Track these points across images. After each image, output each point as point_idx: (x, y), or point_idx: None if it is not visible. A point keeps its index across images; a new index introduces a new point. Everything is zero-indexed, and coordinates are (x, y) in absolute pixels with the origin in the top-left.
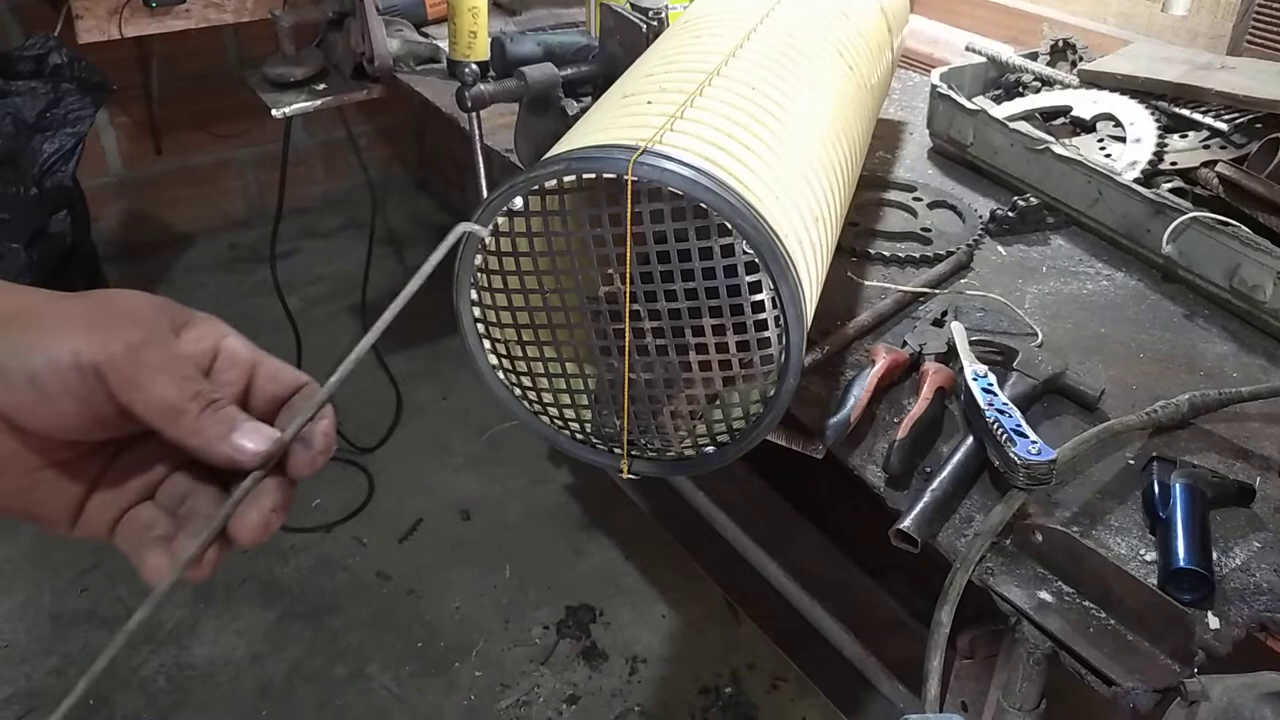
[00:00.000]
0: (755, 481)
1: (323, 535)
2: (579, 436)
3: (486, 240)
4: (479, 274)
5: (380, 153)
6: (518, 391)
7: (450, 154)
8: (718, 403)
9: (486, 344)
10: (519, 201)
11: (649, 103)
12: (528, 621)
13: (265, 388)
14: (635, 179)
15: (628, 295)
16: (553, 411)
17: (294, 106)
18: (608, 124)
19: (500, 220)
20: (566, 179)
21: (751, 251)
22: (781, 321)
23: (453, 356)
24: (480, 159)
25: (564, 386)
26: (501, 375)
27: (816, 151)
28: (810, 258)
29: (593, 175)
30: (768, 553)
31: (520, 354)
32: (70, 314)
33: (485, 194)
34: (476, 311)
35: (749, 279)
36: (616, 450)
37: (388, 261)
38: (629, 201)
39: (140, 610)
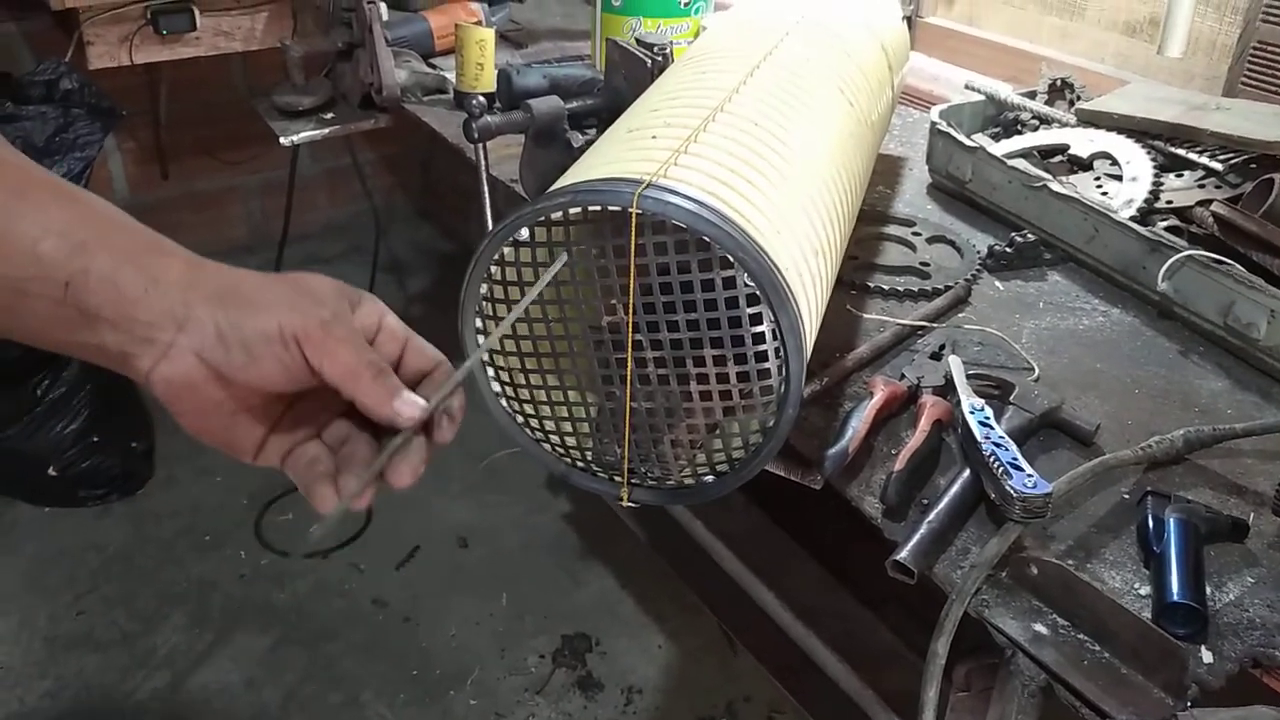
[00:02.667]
0: (754, 512)
1: (319, 561)
2: (580, 464)
3: (491, 270)
4: (484, 303)
5: (384, 180)
6: (520, 419)
7: (454, 183)
8: (718, 432)
9: (490, 371)
10: (525, 232)
11: (654, 137)
12: (524, 650)
13: (412, 360)
14: (640, 211)
15: (630, 325)
16: (554, 439)
17: (302, 135)
18: (613, 157)
19: (506, 250)
20: (572, 211)
21: (753, 283)
22: (781, 352)
23: None
24: (486, 189)
25: (566, 414)
26: (504, 403)
27: (817, 186)
28: (810, 290)
29: (598, 207)
30: (765, 583)
31: (523, 381)
32: (275, 296)
33: (490, 224)
34: (481, 339)
35: (750, 310)
36: (617, 478)
37: (390, 288)
38: (633, 234)
39: (319, 527)
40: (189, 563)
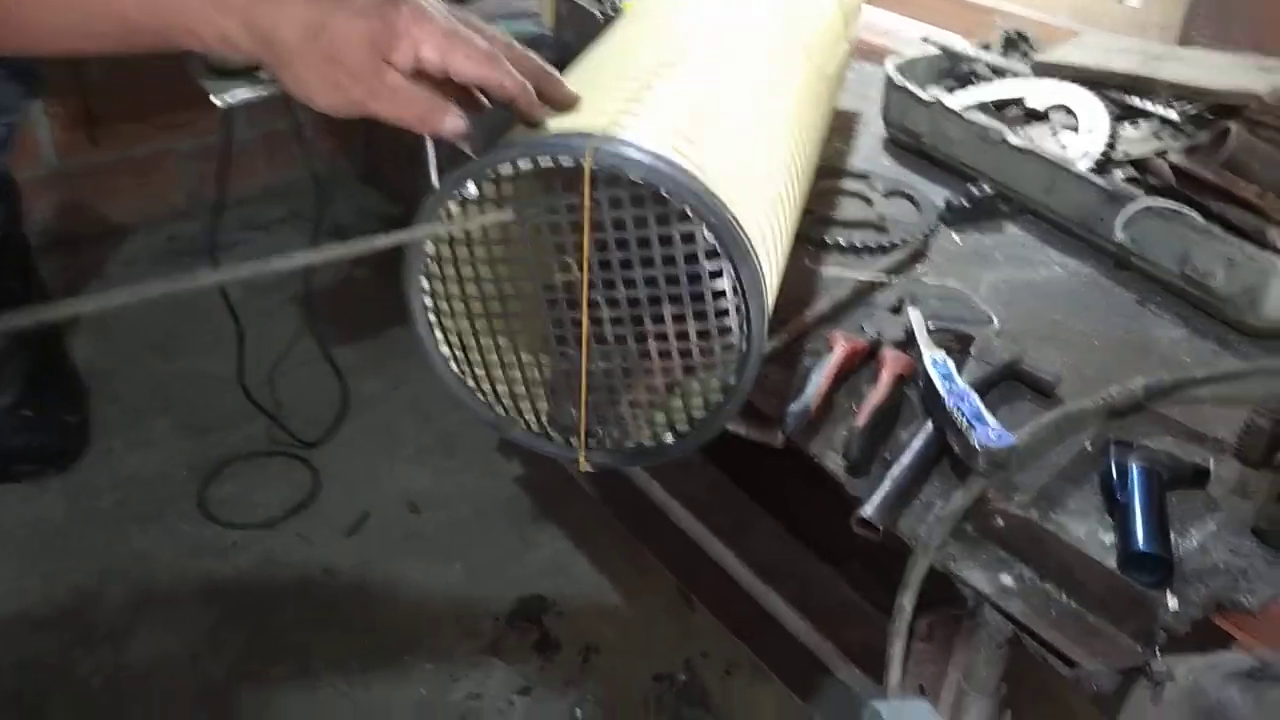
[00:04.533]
0: (712, 471)
1: (265, 531)
2: (535, 428)
3: (442, 233)
4: (430, 262)
5: (325, 144)
6: (471, 382)
7: (398, 145)
8: (677, 392)
9: (439, 334)
10: (472, 188)
11: (607, 90)
12: (479, 614)
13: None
14: (594, 165)
15: (585, 284)
16: (508, 403)
17: (237, 95)
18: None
19: (452, 208)
20: (522, 165)
21: (712, 238)
22: (742, 308)
23: (401, 347)
24: (431, 149)
25: (519, 377)
26: (454, 366)
27: (775, 139)
28: (771, 245)
29: (549, 162)
30: (724, 542)
31: (474, 344)
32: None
33: (436, 184)
34: (428, 300)
35: (710, 266)
36: (574, 441)
37: None
38: (587, 188)
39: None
40: (129, 537)
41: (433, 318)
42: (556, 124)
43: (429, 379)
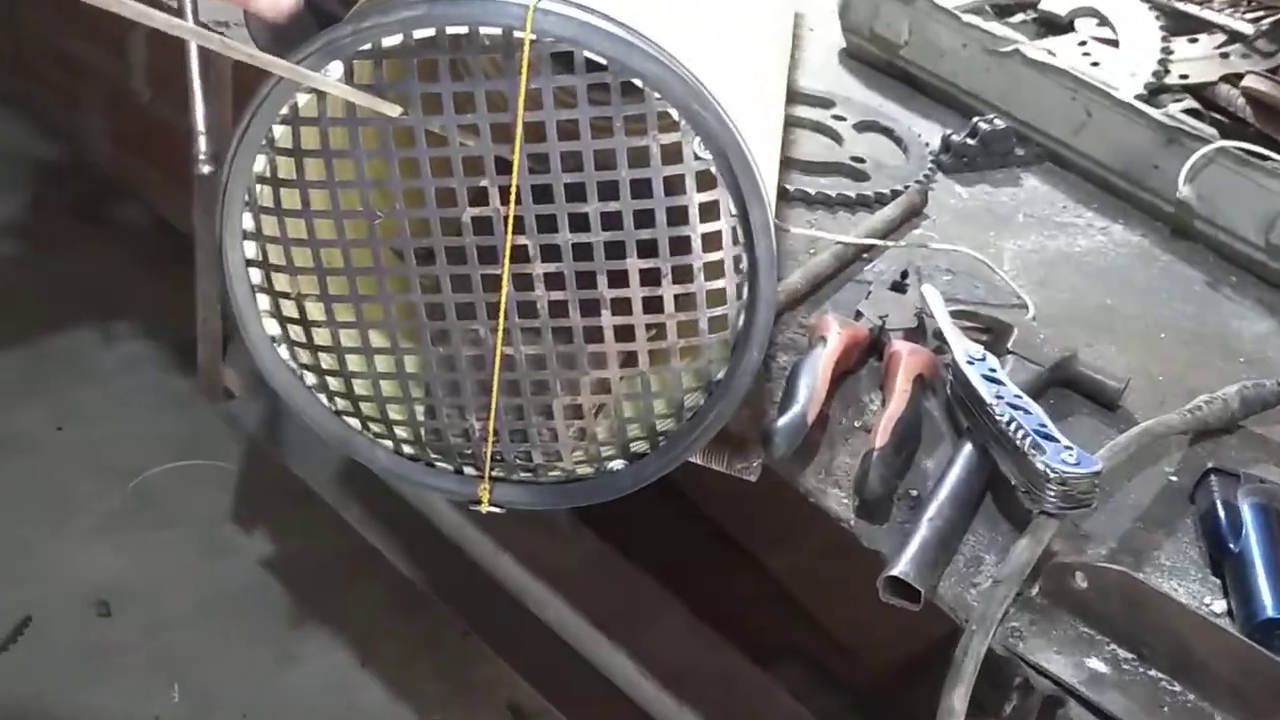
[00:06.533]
0: (585, 536)
1: None
2: (408, 450)
3: (274, 133)
4: (260, 187)
5: None
6: (312, 379)
7: (54, 48)
8: (634, 391)
9: (265, 301)
10: (336, 69)
11: None
12: None
13: None
14: (534, 36)
15: (510, 222)
16: (369, 410)
17: None
18: None
19: (302, 100)
20: (420, 34)
21: (710, 154)
22: (743, 264)
23: (70, 363)
24: (191, 36)
25: (390, 369)
26: (285, 352)
27: (752, 42)
28: (769, 179)
29: (464, 30)
30: (612, 639)
31: (321, 317)
32: None
33: (201, 99)
34: (252, 249)
35: (701, 198)
36: (470, 470)
37: None
38: (524, 70)
39: None
40: None
41: (257, 275)
42: None
43: (122, 412)
